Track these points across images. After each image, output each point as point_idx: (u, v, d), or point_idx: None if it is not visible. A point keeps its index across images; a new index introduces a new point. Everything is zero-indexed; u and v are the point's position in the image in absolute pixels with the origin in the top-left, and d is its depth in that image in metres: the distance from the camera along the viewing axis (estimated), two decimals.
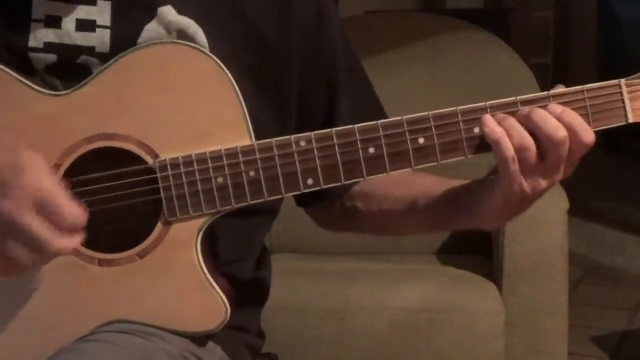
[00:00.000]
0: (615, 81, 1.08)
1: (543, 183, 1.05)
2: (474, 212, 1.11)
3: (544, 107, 1.05)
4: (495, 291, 2.11)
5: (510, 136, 1.04)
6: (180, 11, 1.14)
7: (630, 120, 1.08)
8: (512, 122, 1.04)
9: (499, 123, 1.05)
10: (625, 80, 1.08)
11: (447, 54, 2.59)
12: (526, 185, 1.05)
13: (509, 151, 1.03)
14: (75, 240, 1.02)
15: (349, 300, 2.11)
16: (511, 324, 2.10)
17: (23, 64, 1.12)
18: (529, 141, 1.04)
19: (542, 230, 2.09)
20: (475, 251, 2.36)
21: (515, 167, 1.04)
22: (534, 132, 1.04)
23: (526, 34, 4.16)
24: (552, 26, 4.27)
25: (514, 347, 2.11)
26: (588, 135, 1.04)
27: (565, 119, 1.04)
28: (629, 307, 3.30)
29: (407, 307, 2.10)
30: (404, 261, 2.35)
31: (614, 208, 3.86)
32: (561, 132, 1.03)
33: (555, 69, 4.22)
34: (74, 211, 1.01)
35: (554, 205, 2.08)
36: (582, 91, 1.07)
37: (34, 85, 1.10)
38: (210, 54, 1.09)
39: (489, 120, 1.05)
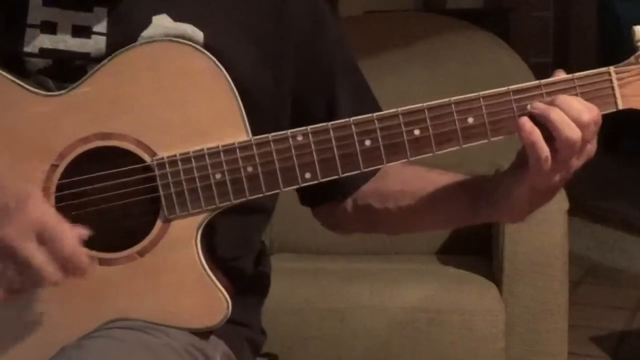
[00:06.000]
0: (605, 69, 1.09)
1: (570, 169, 1.07)
2: (500, 204, 1.12)
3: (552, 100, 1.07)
4: (495, 291, 2.11)
5: (557, 129, 1.04)
6: (176, 18, 1.14)
7: (620, 107, 1.09)
8: (560, 114, 1.05)
9: (544, 114, 1.05)
10: (615, 67, 1.09)
11: (447, 54, 2.59)
12: (556, 176, 1.06)
13: (544, 152, 1.04)
14: (73, 272, 1.04)
15: (349, 300, 2.11)
16: (511, 324, 2.10)
17: (16, 68, 1.12)
18: (577, 136, 1.04)
19: (542, 230, 2.09)
20: (475, 251, 2.36)
21: (548, 165, 1.05)
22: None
23: (526, 34, 4.16)
24: (552, 26, 4.27)
25: (514, 347, 2.11)
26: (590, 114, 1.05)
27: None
28: (629, 307, 3.30)
29: (407, 307, 2.10)
30: (404, 261, 2.35)
31: (614, 208, 3.86)
32: (576, 134, 1.04)
33: (555, 69, 4.21)
34: (75, 245, 1.03)
35: (554, 205, 2.07)
36: (573, 79, 1.09)
37: (28, 87, 1.10)
38: (204, 51, 1.09)
39: (525, 123, 1.06)
